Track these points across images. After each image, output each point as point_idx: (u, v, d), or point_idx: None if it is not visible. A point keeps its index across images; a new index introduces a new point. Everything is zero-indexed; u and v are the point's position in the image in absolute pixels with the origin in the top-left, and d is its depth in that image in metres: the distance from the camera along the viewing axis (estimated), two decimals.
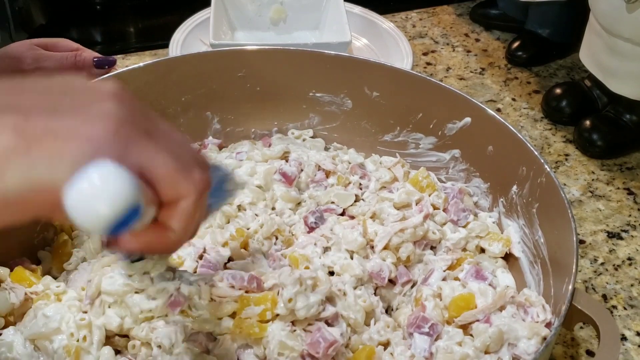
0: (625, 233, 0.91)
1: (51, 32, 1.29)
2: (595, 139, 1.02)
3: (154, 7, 1.36)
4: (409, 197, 0.75)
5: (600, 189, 0.98)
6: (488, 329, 0.61)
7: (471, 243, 0.75)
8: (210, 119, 0.87)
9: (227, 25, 1.17)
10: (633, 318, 0.80)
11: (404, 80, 0.83)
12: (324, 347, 0.58)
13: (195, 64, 0.82)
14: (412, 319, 0.64)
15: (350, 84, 0.86)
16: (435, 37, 1.30)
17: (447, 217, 0.76)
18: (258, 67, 0.84)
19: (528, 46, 1.23)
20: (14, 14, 1.28)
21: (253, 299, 0.60)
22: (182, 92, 0.82)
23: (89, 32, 1.32)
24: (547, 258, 0.70)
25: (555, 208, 0.67)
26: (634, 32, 0.90)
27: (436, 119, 0.83)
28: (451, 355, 0.60)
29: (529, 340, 0.60)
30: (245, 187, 0.74)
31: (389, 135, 0.88)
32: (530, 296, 0.65)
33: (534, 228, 0.73)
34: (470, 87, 1.17)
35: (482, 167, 0.81)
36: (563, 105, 1.09)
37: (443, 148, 0.84)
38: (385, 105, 0.86)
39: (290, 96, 0.87)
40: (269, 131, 0.89)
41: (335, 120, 0.89)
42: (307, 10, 1.19)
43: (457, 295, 0.64)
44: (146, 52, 1.20)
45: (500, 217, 0.79)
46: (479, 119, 0.79)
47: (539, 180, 0.71)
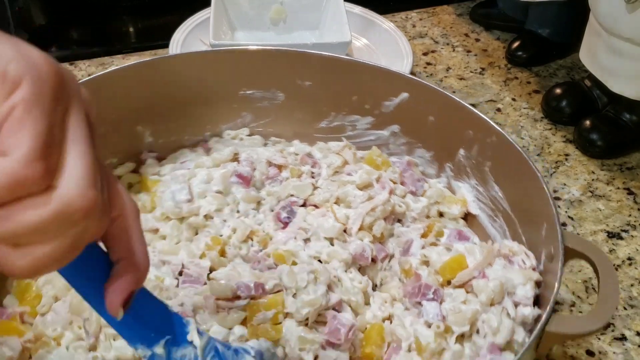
0: (625, 233, 0.91)
1: (51, 32, 1.29)
2: (595, 139, 1.02)
3: (154, 7, 1.36)
4: (369, 177, 0.77)
5: (600, 189, 0.98)
6: (488, 283, 0.64)
7: (432, 209, 0.79)
8: (142, 133, 0.83)
9: (227, 25, 1.17)
10: (633, 318, 0.80)
11: (335, 66, 0.84)
12: (345, 333, 0.60)
13: (120, 79, 0.79)
14: (411, 290, 0.66)
15: (281, 76, 0.85)
16: (435, 37, 1.30)
17: (406, 189, 0.79)
18: (185, 73, 0.83)
19: (528, 46, 1.23)
20: (14, 14, 1.28)
21: (262, 305, 0.61)
22: (112, 110, 0.78)
23: (88, 32, 1.32)
24: (509, 210, 0.74)
25: (512, 162, 0.72)
26: (634, 32, 0.90)
27: (372, 99, 0.84)
28: (462, 314, 0.62)
29: (525, 286, 0.64)
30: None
31: (324, 122, 0.88)
32: (512, 246, 0.69)
33: (489, 185, 0.77)
34: (470, 87, 1.17)
35: (424, 137, 0.84)
36: (563, 105, 1.09)
37: (381, 125, 0.86)
38: (318, 93, 0.86)
39: (220, 97, 0.86)
40: (203, 136, 0.87)
41: (268, 115, 0.88)
42: (307, 10, 1.19)
43: (449, 259, 0.67)
44: (146, 52, 1.20)
45: (449, 182, 0.83)
46: (417, 93, 0.81)
47: (488, 141, 0.75)
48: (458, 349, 0.62)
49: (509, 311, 0.63)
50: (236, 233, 0.71)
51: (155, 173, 0.80)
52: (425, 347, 0.61)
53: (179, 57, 0.84)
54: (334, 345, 0.60)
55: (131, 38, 1.32)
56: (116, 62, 1.16)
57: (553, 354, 0.76)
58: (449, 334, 0.63)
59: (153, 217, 0.73)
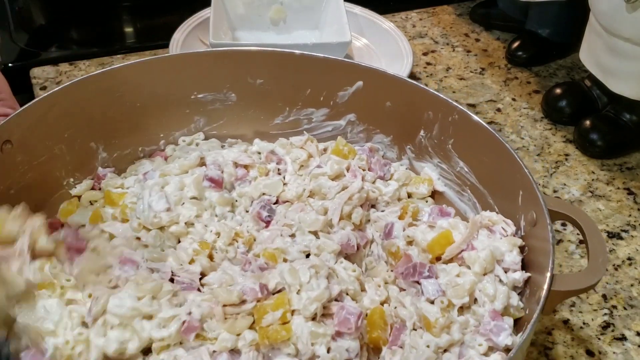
0: (625, 233, 0.91)
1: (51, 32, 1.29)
2: (595, 139, 1.02)
3: (154, 7, 1.36)
4: (340, 166, 0.78)
5: (600, 189, 0.98)
6: (478, 254, 0.67)
7: (402, 191, 0.82)
8: (95, 149, 0.82)
9: (227, 25, 1.17)
10: (633, 318, 0.80)
11: (286, 61, 0.84)
12: (355, 321, 0.61)
13: (71, 95, 0.77)
14: (405, 270, 0.68)
15: (232, 77, 0.85)
16: (435, 37, 1.30)
17: (375, 175, 0.81)
18: (135, 82, 0.81)
19: (528, 46, 1.23)
20: (14, 14, 1.28)
21: (269, 306, 0.61)
22: (64, 128, 0.77)
23: (88, 32, 1.32)
24: (477, 183, 0.77)
25: (478, 137, 0.74)
26: (634, 32, 0.90)
27: (326, 91, 0.85)
28: (461, 286, 0.65)
29: (511, 253, 0.67)
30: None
31: (279, 118, 0.88)
32: (491, 216, 0.71)
33: (453, 162, 0.80)
34: (470, 87, 1.17)
35: (381, 123, 0.85)
36: (563, 105, 1.09)
37: (337, 116, 0.87)
38: (270, 89, 0.86)
39: (171, 104, 0.85)
40: (157, 145, 0.87)
41: (221, 117, 0.88)
42: (307, 10, 1.19)
43: (437, 235, 0.70)
44: (146, 52, 1.20)
45: (411, 163, 0.85)
46: (371, 80, 0.82)
47: (450, 119, 0.77)
48: (463, 319, 0.64)
49: (501, 278, 0.66)
50: (221, 237, 0.72)
51: (119, 186, 0.80)
52: (435, 323, 0.62)
53: (128, 66, 0.82)
54: (344, 335, 0.61)
55: (131, 38, 1.32)
56: (116, 62, 1.16)
57: (553, 354, 0.76)
58: (450, 307, 0.65)
59: (131, 227, 0.73)
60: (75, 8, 1.34)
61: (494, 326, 0.62)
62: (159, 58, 0.84)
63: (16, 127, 0.72)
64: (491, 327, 0.62)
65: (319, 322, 0.62)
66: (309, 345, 0.60)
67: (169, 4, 1.36)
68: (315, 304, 0.61)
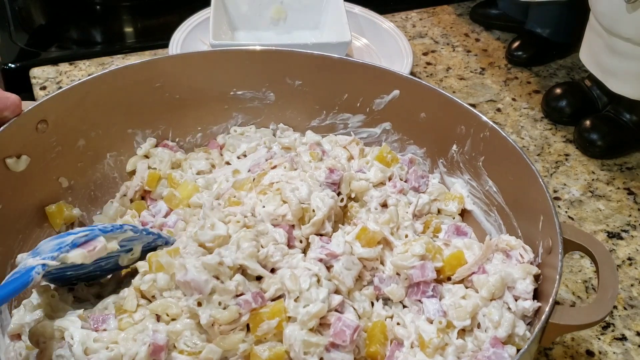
0: (625, 233, 0.91)
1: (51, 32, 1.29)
2: (595, 139, 1.02)
3: (154, 7, 1.36)
4: (384, 175, 0.78)
5: (600, 189, 0.98)
6: (488, 278, 0.65)
7: (433, 206, 0.80)
8: (132, 136, 0.84)
9: (227, 25, 1.17)
10: (633, 318, 0.80)
11: (325, 65, 0.84)
12: (350, 334, 0.60)
13: (111, 82, 0.79)
14: (409, 288, 0.66)
15: (271, 76, 0.86)
16: (435, 37, 1.30)
17: (409, 185, 0.81)
18: (175, 74, 0.83)
19: (528, 46, 1.23)
20: (14, 14, 1.28)
21: (265, 314, 0.61)
22: (101, 114, 0.80)
23: (88, 32, 1.32)
24: (503, 204, 0.76)
25: (506, 156, 0.73)
26: (634, 32, 0.90)
27: (362, 97, 0.85)
28: (463, 309, 0.64)
29: (524, 281, 0.65)
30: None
31: (315, 121, 0.89)
32: (510, 240, 0.69)
33: (482, 180, 0.79)
34: (470, 87, 1.17)
35: (416, 134, 0.85)
36: (563, 105, 1.09)
37: (372, 123, 0.86)
38: (308, 92, 0.86)
39: (210, 98, 0.86)
40: (194, 138, 0.88)
41: (259, 115, 0.89)
42: (307, 10, 1.19)
43: (449, 255, 0.68)
44: (146, 52, 1.20)
45: (442, 177, 0.84)
46: (408, 89, 0.82)
47: (481, 135, 0.76)
48: (461, 343, 0.63)
49: (509, 305, 0.64)
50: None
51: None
52: (428, 343, 0.62)
53: (169, 58, 0.84)
54: (339, 347, 0.61)
55: (131, 38, 1.32)
56: (116, 62, 1.16)
57: (553, 354, 0.76)
58: (451, 329, 0.64)
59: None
60: (75, 8, 1.34)
61: (493, 353, 0.61)
62: (201, 53, 0.85)
63: (52, 108, 0.75)
64: (490, 354, 0.61)
65: (314, 331, 0.61)
66: (302, 354, 0.59)
67: (169, 4, 1.36)
68: (314, 320, 0.61)
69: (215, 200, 0.74)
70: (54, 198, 0.78)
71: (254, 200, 0.71)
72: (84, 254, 0.60)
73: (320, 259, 0.66)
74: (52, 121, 0.75)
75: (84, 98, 0.78)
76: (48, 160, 0.76)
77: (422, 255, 0.66)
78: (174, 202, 0.78)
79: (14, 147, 0.72)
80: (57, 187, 0.78)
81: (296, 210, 0.69)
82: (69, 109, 0.76)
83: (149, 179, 0.81)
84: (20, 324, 0.64)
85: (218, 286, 0.60)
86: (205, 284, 0.60)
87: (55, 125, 0.75)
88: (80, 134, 0.79)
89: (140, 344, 0.58)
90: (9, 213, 0.71)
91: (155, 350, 0.58)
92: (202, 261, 0.61)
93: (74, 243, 0.60)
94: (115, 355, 0.58)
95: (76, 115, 0.77)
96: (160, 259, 0.63)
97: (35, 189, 0.75)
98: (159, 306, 0.62)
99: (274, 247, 0.66)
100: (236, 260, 0.62)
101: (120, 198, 0.82)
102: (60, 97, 0.75)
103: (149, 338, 0.59)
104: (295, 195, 0.70)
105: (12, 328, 0.64)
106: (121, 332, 0.61)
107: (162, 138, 0.86)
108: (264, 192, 0.71)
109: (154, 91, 0.83)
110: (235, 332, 0.61)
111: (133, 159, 0.84)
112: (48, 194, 0.77)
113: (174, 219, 0.75)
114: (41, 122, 0.74)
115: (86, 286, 0.68)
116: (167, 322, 0.62)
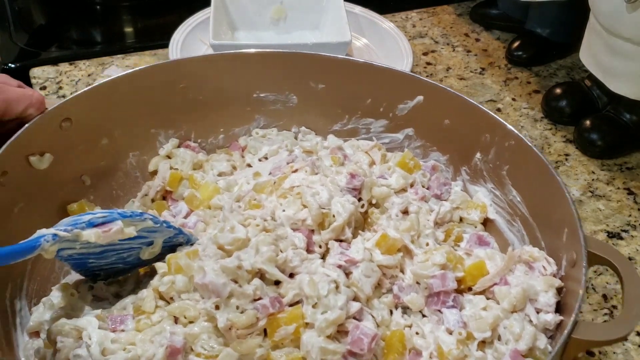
0: (625, 233, 0.91)
1: (51, 32, 1.29)
2: (595, 139, 1.02)
3: (154, 7, 1.36)
4: (406, 181, 0.78)
5: (600, 189, 0.98)
6: (510, 290, 0.64)
7: (455, 214, 0.79)
8: (155, 135, 0.85)
9: (227, 25, 1.17)
10: None
11: (349, 69, 0.84)
12: (368, 343, 0.60)
13: (135, 82, 0.80)
14: (429, 298, 0.66)
15: (294, 79, 0.86)
16: (435, 37, 1.30)
17: (431, 193, 0.80)
18: (199, 75, 0.83)
19: (528, 46, 1.23)
20: (14, 14, 1.28)
21: (282, 320, 0.61)
22: (126, 113, 0.80)
23: (89, 32, 1.32)
24: (527, 214, 0.74)
25: (531, 166, 0.71)
26: (634, 32, 0.90)
27: (386, 102, 0.85)
28: (483, 320, 0.63)
29: (547, 293, 0.64)
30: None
31: (337, 125, 0.88)
32: (533, 252, 0.68)
33: (506, 189, 0.77)
34: (470, 87, 1.17)
35: (439, 140, 0.84)
36: (563, 105, 1.09)
37: (395, 129, 0.86)
38: (331, 95, 0.86)
39: (234, 100, 0.86)
40: (216, 139, 0.88)
41: (281, 118, 0.89)
42: (307, 10, 1.19)
43: (470, 265, 0.68)
44: (146, 52, 1.20)
45: (465, 185, 0.83)
46: (432, 95, 0.81)
47: (506, 144, 0.75)
48: (480, 355, 0.62)
49: (531, 318, 0.63)
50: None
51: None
52: (448, 354, 0.61)
53: (193, 60, 0.84)
54: (356, 355, 0.60)
55: (131, 38, 1.32)
56: (116, 62, 1.16)
57: None
58: (471, 340, 0.63)
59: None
60: (75, 8, 1.34)
61: None
62: (225, 55, 0.85)
63: (76, 107, 0.75)
64: None
65: (332, 338, 0.61)
66: None
67: (169, 4, 1.36)
68: (332, 327, 0.60)
69: (236, 203, 0.74)
70: (76, 196, 0.78)
71: (274, 204, 0.71)
72: (97, 233, 0.60)
73: (339, 265, 0.66)
74: (76, 119, 0.75)
75: (109, 97, 0.78)
76: (71, 158, 0.76)
77: (442, 265, 0.66)
78: (194, 203, 0.78)
79: (37, 145, 0.72)
80: (80, 185, 0.79)
81: (316, 215, 0.69)
82: (93, 108, 0.77)
83: (170, 179, 0.81)
84: (40, 321, 0.65)
85: (236, 290, 0.61)
86: (223, 287, 0.60)
87: (79, 124, 0.75)
88: (103, 133, 0.79)
89: (158, 346, 0.59)
90: (31, 210, 0.71)
91: (172, 353, 0.58)
92: (221, 264, 0.61)
93: (91, 222, 0.61)
94: (132, 356, 0.59)
95: (100, 114, 0.78)
96: (179, 260, 0.64)
97: (57, 186, 0.75)
98: (176, 308, 0.62)
99: (293, 252, 0.66)
100: (255, 264, 0.63)
101: (141, 197, 0.83)
102: (85, 96, 0.76)
103: (166, 340, 0.59)
104: (316, 200, 0.69)
105: (31, 325, 0.65)
106: (138, 334, 0.61)
107: (184, 139, 0.87)
108: (285, 196, 0.71)
109: (178, 92, 0.83)
110: (252, 336, 0.61)
111: (155, 159, 0.84)
112: (70, 192, 0.77)
113: (194, 220, 0.75)
114: (65, 120, 0.74)
115: (105, 285, 0.69)
116: (185, 324, 0.62)
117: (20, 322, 0.68)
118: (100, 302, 0.67)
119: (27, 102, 0.69)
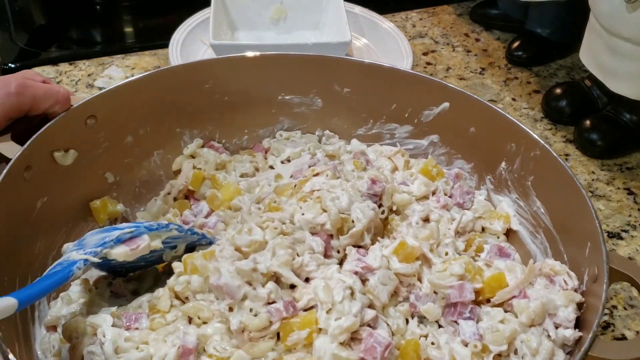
0: (625, 233, 0.91)
1: (51, 32, 1.29)
2: (595, 139, 1.03)
3: (154, 7, 1.36)
4: (428, 189, 0.77)
5: (600, 189, 0.98)
6: (529, 303, 0.63)
7: (477, 224, 0.78)
8: (179, 135, 0.85)
9: (227, 25, 1.17)
10: (633, 318, 0.80)
11: (375, 73, 0.84)
12: (381, 352, 0.59)
13: (161, 82, 0.80)
14: (445, 308, 0.65)
15: (320, 82, 0.85)
16: (435, 37, 1.30)
17: (453, 201, 0.79)
18: (225, 76, 0.83)
19: (528, 46, 1.23)
20: (14, 14, 1.28)
21: (295, 324, 0.60)
22: (151, 112, 0.80)
23: (89, 32, 1.32)
24: (551, 226, 0.73)
25: (556, 178, 0.71)
26: (634, 32, 0.90)
27: (411, 108, 0.84)
28: (500, 333, 0.62)
29: (567, 308, 0.63)
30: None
31: (362, 129, 0.88)
32: (554, 265, 0.67)
33: (530, 200, 0.76)
34: (470, 87, 1.17)
35: (464, 148, 0.83)
36: (563, 105, 1.09)
37: (420, 135, 0.85)
38: (356, 100, 0.86)
39: (259, 102, 0.86)
40: (240, 140, 0.88)
41: (306, 121, 0.89)
42: (307, 10, 1.19)
43: (489, 277, 0.67)
44: (146, 52, 1.20)
45: (489, 194, 0.82)
46: (458, 102, 0.81)
47: (532, 154, 0.74)
48: None
49: (549, 333, 0.62)
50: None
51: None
52: None
53: (219, 61, 0.84)
54: None
55: (131, 38, 1.32)
56: (116, 62, 1.16)
57: None
58: (486, 353, 0.62)
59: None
60: (75, 8, 1.34)
61: None
62: (251, 56, 0.84)
63: (102, 104, 0.75)
64: None
65: (345, 345, 0.60)
66: None
67: (169, 4, 1.36)
68: (346, 334, 0.60)
69: (255, 204, 0.74)
70: (99, 193, 0.78)
71: (293, 207, 0.70)
72: (126, 252, 0.61)
73: (356, 271, 0.66)
74: (101, 117, 0.75)
75: (134, 96, 0.78)
76: (95, 155, 0.76)
77: (461, 275, 0.65)
78: (215, 203, 0.78)
79: (62, 141, 0.72)
80: (103, 182, 0.79)
81: (335, 220, 0.68)
82: (119, 106, 0.77)
83: (193, 178, 0.82)
84: (57, 316, 0.65)
85: (250, 292, 0.61)
86: (237, 290, 0.60)
87: (104, 121, 0.76)
88: (128, 131, 0.80)
89: (170, 346, 0.59)
90: (54, 206, 0.71)
91: (184, 353, 0.59)
92: (236, 266, 0.61)
93: (119, 239, 0.61)
94: (144, 355, 0.59)
95: (125, 113, 0.78)
96: (195, 261, 0.64)
97: (81, 183, 0.75)
98: (191, 308, 0.62)
99: (310, 257, 0.66)
100: (270, 267, 0.63)
101: (164, 196, 0.83)
102: (111, 94, 0.76)
103: (179, 340, 0.59)
104: (335, 205, 0.69)
105: (49, 320, 0.66)
106: (152, 332, 0.61)
107: (208, 139, 0.87)
108: (304, 199, 0.71)
109: (204, 92, 0.83)
110: (264, 340, 0.60)
111: (179, 159, 0.84)
112: (93, 189, 0.78)
113: (214, 220, 0.76)
114: (90, 118, 0.74)
115: (124, 281, 0.69)
116: (199, 325, 0.62)
117: (39, 316, 0.68)
118: (117, 299, 0.67)
119: (53, 98, 0.69)
